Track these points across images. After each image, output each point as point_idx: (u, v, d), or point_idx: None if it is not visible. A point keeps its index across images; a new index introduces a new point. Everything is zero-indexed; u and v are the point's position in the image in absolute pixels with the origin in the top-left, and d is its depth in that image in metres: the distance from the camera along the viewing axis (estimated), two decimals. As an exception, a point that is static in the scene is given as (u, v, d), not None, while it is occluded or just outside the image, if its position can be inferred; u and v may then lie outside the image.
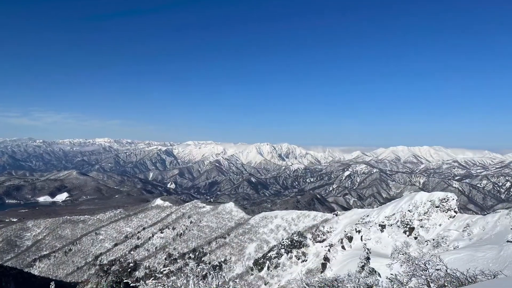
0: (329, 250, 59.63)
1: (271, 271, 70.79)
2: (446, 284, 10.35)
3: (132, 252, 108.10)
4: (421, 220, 54.40)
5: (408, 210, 56.44)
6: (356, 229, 60.10)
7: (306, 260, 69.35)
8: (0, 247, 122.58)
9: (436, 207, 54.46)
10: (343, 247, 58.97)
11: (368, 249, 47.12)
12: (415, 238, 52.53)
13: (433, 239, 48.59)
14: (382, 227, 56.68)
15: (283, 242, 76.97)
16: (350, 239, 59.52)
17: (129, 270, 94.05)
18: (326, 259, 56.62)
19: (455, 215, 52.15)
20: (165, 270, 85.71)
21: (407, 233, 53.97)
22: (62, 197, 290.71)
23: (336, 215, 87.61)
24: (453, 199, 54.27)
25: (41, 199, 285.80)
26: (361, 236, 57.18)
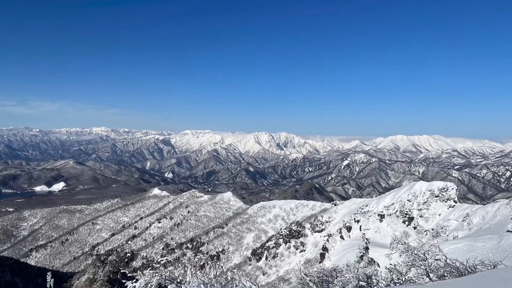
0: (327, 240, 59.20)
1: (269, 261, 70.53)
2: (445, 274, 10.03)
3: (129, 242, 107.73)
4: (421, 209, 53.92)
5: (407, 200, 55.89)
6: (355, 219, 59.57)
7: (305, 250, 69.03)
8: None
9: (436, 196, 53.95)
10: (341, 237, 58.53)
11: (367, 239, 46.44)
12: (415, 228, 52.08)
13: (433, 229, 48.16)
14: (381, 217, 56.18)
15: (282, 232, 76.65)
16: (348, 229, 59.04)
17: (126, 260, 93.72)
18: (325, 249, 56.20)
19: (454, 205, 51.70)
20: (162, 260, 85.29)
21: (406, 223, 53.53)
22: (58, 186, 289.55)
23: (335, 204, 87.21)
24: (453, 188, 53.81)
25: (38, 188, 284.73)
26: (360, 226, 56.67)
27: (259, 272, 68.58)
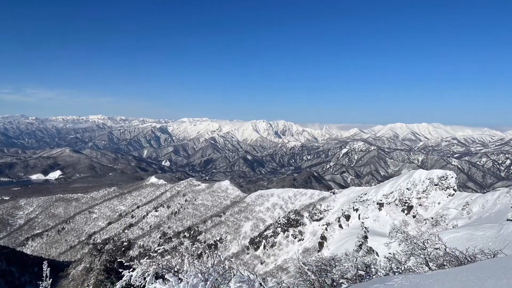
0: (326, 229, 58.73)
1: (267, 250, 70.18)
2: (445, 263, 10.01)
3: (126, 231, 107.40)
4: (420, 198, 53.39)
5: (407, 188, 55.32)
6: (353, 207, 58.98)
7: (303, 239, 68.69)
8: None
9: (435, 185, 53.38)
10: (340, 226, 58.02)
11: (365, 227, 46.00)
12: (414, 216, 51.60)
13: (432, 218, 47.70)
14: (380, 205, 55.64)
15: (280, 220, 76.23)
16: (347, 217, 58.49)
17: (123, 249, 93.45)
18: (323, 238, 55.76)
19: (454, 193, 51.22)
20: (159, 249, 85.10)
21: (406, 211, 53.03)
22: (55, 175, 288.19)
23: (334, 193, 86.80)
24: (452, 177, 53.29)
25: (34, 177, 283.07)
26: (359, 215, 56.13)
27: (257, 261, 68.31)
